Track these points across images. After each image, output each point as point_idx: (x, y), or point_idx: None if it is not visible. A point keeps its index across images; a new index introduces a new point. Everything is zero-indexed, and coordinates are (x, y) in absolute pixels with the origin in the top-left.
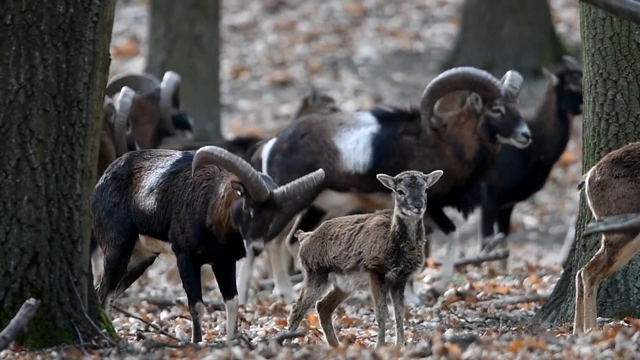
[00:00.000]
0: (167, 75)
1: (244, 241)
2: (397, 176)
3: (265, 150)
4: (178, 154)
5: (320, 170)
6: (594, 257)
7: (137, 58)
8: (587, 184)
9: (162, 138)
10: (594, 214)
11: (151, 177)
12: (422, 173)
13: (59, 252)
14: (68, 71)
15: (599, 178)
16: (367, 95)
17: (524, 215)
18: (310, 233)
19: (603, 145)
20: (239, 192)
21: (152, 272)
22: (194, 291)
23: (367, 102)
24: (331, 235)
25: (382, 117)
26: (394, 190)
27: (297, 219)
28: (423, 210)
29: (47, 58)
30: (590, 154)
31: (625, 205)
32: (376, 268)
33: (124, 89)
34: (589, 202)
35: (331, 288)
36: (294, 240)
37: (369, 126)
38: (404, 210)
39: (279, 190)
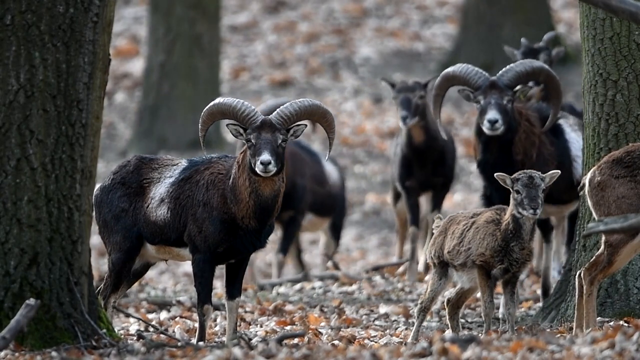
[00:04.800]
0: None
1: (252, 164)
2: (514, 175)
3: None
4: (184, 162)
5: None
6: (594, 257)
7: (137, 58)
8: (587, 184)
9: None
10: (594, 214)
11: (160, 188)
12: (539, 173)
13: (59, 252)
14: (68, 71)
15: (599, 178)
16: (367, 96)
17: None
18: (441, 227)
19: (603, 146)
20: (243, 141)
21: (152, 272)
22: (205, 292)
23: (367, 102)
24: (451, 231)
25: None
26: (511, 190)
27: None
28: (539, 211)
29: (47, 58)
30: (590, 154)
31: (625, 206)
32: (482, 264)
33: None
34: (589, 202)
35: (459, 284)
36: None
37: None
38: (520, 210)
39: (274, 113)
